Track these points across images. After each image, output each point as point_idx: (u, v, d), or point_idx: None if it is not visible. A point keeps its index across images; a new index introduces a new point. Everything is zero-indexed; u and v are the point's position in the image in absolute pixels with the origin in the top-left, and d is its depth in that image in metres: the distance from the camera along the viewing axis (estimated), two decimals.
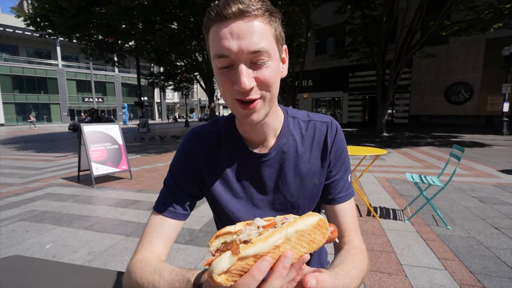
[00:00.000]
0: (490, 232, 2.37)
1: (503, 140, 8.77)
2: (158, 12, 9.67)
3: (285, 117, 0.62)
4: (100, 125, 4.61)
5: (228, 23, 0.45)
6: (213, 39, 0.47)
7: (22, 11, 10.45)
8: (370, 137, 10.71)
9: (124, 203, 3.42)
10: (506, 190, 3.58)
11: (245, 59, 0.45)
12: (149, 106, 39.52)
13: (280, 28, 0.51)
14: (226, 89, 0.49)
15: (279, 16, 0.51)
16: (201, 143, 0.63)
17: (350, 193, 0.63)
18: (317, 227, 0.32)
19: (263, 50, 0.45)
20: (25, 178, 4.92)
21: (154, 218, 0.60)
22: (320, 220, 0.32)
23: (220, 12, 0.44)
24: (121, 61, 14.32)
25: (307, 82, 17.91)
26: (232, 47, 0.44)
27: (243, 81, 0.45)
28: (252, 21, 0.45)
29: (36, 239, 2.46)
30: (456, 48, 13.56)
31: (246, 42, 0.44)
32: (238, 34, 0.44)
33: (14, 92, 27.69)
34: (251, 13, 0.45)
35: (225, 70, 0.47)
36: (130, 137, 12.66)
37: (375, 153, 2.72)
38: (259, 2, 0.46)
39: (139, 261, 0.52)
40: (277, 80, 0.50)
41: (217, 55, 0.46)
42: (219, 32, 0.45)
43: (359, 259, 0.53)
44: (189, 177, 0.62)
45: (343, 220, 0.60)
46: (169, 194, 0.61)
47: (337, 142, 0.62)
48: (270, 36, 0.47)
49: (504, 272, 1.78)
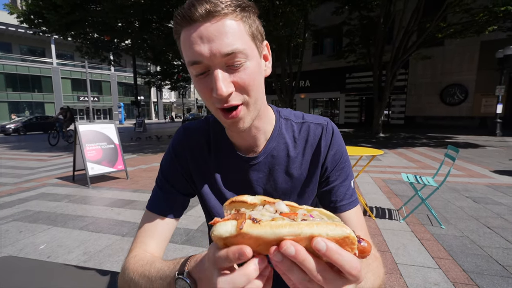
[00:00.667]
0: (483, 231, 2.41)
1: (496, 141, 8.90)
2: (154, 10, 9.62)
3: (277, 119, 0.59)
4: (95, 124, 4.57)
5: (196, 26, 0.42)
6: (184, 45, 0.44)
7: (15, 8, 10.30)
8: (367, 138, 10.79)
9: (120, 203, 3.40)
10: (499, 190, 3.64)
11: (220, 63, 0.42)
12: (146, 105, 39.22)
13: (257, 23, 0.47)
14: (206, 98, 0.46)
15: (254, 10, 0.47)
16: (190, 140, 0.61)
17: (355, 201, 0.58)
18: (341, 242, 0.26)
19: (237, 51, 0.42)
20: (18, 178, 4.85)
21: (147, 217, 0.58)
22: (348, 238, 0.26)
23: (186, 15, 0.42)
24: (117, 60, 14.22)
25: (304, 83, 17.95)
26: (204, 51, 0.41)
27: (219, 87, 0.42)
28: (222, 21, 0.42)
29: (30, 240, 2.43)
30: (452, 50, 13.71)
31: (218, 44, 0.41)
32: (208, 37, 0.41)
33: (7, 90, 27.26)
34: (220, 12, 0.41)
35: (201, 77, 0.45)
36: (126, 136, 12.57)
37: (371, 154, 2.74)
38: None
39: (133, 257, 0.52)
40: (258, 81, 0.47)
41: (190, 62, 0.43)
42: (189, 37, 0.42)
43: (374, 265, 0.49)
44: (179, 173, 0.60)
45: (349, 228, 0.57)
46: (161, 192, 0.60)
47: (334, 146, 0.58)
48: (244, 35, 0.44)
49: (496, 271, 1.81)
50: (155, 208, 0.58)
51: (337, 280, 0.27)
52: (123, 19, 9.87)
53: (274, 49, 12.22)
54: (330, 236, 0.26)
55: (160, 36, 11.50)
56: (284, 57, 12.86)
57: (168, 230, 0.59)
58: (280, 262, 0.27)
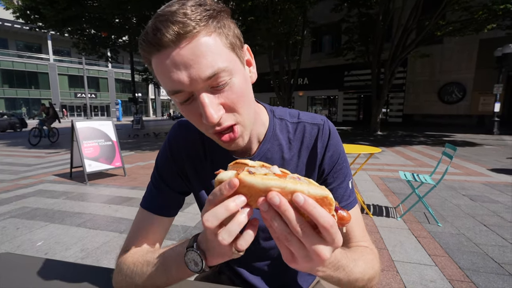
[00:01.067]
0: (479, 229, 2.43)
1: (494, 140, 8.96)
2: (152, 6, 9.52)
3: (270, 120, 0.57)
4: (93, 121, 4.54)
5: (167, 52, 0.37)
6: (159, 74, 0.40)
7: (11, 3, 10.16)
8: (365, 136, 10.82)
9: (118, 200, 3.39)
10: (496, 188, 3.67)
11: (203, 87, 0.39)
12: (143, 102, 39.07)
13: (232, 28, 0.42)
14: (197, 123, 0.44)
15: (226, 14, 0.41)
16: (186, 138, 0.59)
17: (352, 201, 0.56)
18: (320, 201, 0.30)
19: (219, 71, 0.38)
20: (15, 175, 4.82)
21: (141, 214, 0.57)
22: (326, 198, 0.30)
23: (153, 42, 0.36)
24: (114, 56, 14.08)
25: (302, 80, 17.93)
26: (183, 79, 0.37)
27: (209, 115, 0.38)
28: (195, 41, 0.37)
29: (28, 236, 2.42)
30: (451, 48, 13.74)
31: (196, 69, 0.37)
32: (184, 62, 0.37)
33: (3, 86, 27.04)
34: (191, 32, 0.36)
35: (186, 103, 0.41)
36: (124, 133, 12.52)
37: (369, 152, 2.75)
38: (197, 10, 0.37)
39: (129, 253, 0.52)
40: (247, 94, 0.44)
41: (170, 91, 0.40)
42: (163, 65, 0.38)
43: (369, 257, 0.50)
44: (174, 172, 0.59)
45: (348, 230, 0.56)
46: (156, 190, 0.58)
47: (331, 147, 0.56)
48: (223, 49, 0.39)
49: (491, 268, 1.83)
50: (150, 206, 0.57)
51: (314, 237, 0.30)
52: (120, 15, 9.78)
53: (272, 47, 12.19)
54: (311, 194, 0.29)
55: None
56: (283, 55, 12.82)
57: (163, 228, 0.58)
58: (266, 211, 0.30)
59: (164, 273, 0.46)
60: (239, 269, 0.65)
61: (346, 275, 0.42)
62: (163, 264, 0.46)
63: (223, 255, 0.37)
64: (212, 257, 0.38)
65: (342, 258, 0.41)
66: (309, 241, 0.30)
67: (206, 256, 0.39)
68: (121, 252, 0.55)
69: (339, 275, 0.40)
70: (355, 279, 0.44)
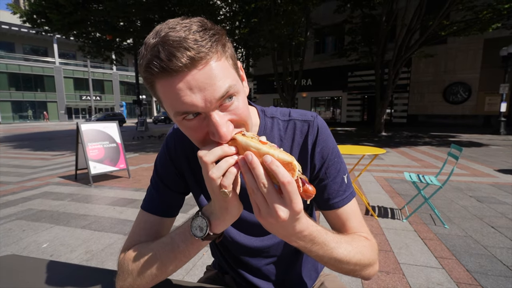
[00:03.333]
0: (487, 231, 2.39)
1: (500, 140, 8.83)
2: (156, 9, 9.62)
3: (261, 119, 0.58)
4: (97, 123, 4.58)
5: (181, 76, 0.37)
6: (166, 96, 0.40)
7: (18, 8, 10.37)
8: (369, 137, 10.74)
9: (122, 202, 3.41)
10: (503, 189, 3.61)
11: (215, 107, 0.40)
12: (148, 104, 39.38)
13: (231, 47, 0.44)
14: (198, 139, 0.44)
15: (225, 35, 0.43)
16: (182, 138, 0.60)
17: (348, 196, 0.57)
18: (285, 165, 0.35)
19: (229, 90, 0.40)
20: (21, 177, 4.88)
21: (142, 216, 0.58)
22: (291, 163, 0.36)
23: (166, 67, 0.37)
24: (119, 59, 14.24)
25: (306, 81, 17.90)
26: (197, 102, 0.38)
27: (223, 134, 0.39)
28: (208, 65, 0.38)
29: (33, 238, 2.44)
30: (455, 48, 13.61)
31: (211, 91, 0.38)
32: (199, 86, 0.38)
33: (10, 89, 27.47)
34: (205, 57, 0.38)
35: (191, 120, 0.41)
36: (128, 135, 12.61)
37: (373, 153, 2.73)
38: (204, 36, 0.38)
39: (130, 249, 0.53)
40: (246, 107, 0.45)
41: (179, 112, 0.40)
42: (173, 88, 0.38)
43: (359, 243, 0.51)
44: (173, 173, 0.60)
45: (346, 224, 0.56)
46: (156, 192, 0.59)
47: (320, 143, 0.56)
48: (230, 70, 0.42)
49: (500, 271, 1.79)
50: (150, 208, 0.58)
51: (275, 196, 0.36)
52: (125, 18, 9.89)
53: (275, 48, 12.22)
54: (279, 158, 0.36)
55: None
56: (286, 56, 12.83)
57: (163, 229, 0.59)
58: (242, 166, 0.37)
59: (171, 249, 0.48)
60: (242, 271, 0.66)
61: (326, 253, 0.45)
62: (169, 240, 0.49)
63: (222, 212, 0.43)
64: (216, 221, 0.44)
65: (320, 235, 0.44)
66: (270, 198, 0.36)
67: (210, 221, 0.45)
68: (121, 253, 0.55)
69: (318, 251, 0.44)
70: (339, 259, 0.46)
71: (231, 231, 0.61)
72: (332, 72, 16.87)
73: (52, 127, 20.86)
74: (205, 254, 2.12)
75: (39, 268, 0.70)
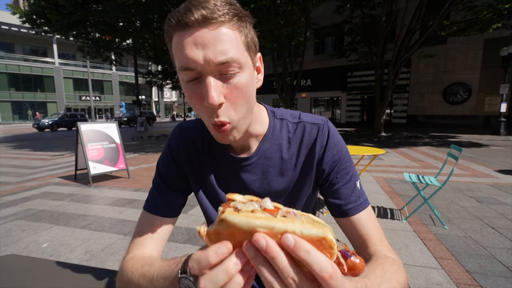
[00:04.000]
0: (487, 231, 2.39)
1: (500, 141, 8.83)
2: (156, 9, 9.62)
3: (271, 120, 0.57)
4: (97, 123, 4.58)
5: (191, 31, 0.40)
6: (176, 50, 0.42)
7: (17, 8, 10.35)
8: (368, 137, 10.74)
9: (122, 202, 3.41)
10: (503, 190, 3.61)
11: (213, 70, 0.41)
12: (147, 105, 39.35)
13: (252, 33, 0.46)
14: (196, 105, 0.45)
15: (250, 20, 0.46)
16: (185, 140, 0.60)
17: (363, 203, 0.54)
18: (317, 243, 0.24)
19: (231, 60, 0.41)
20: (21, 177, 4.88)
21: (145, 218, 0.58)
22: (325, 239, 0.25)
23: (181, 20, 0.40)
24: (118, 59, 14.21)
25: (305, 82, 17.89)
26: (197, 58, 0.40)
27: (211, 95, 0.40)
28: (218, 28, 0.40)
29: (33, 238, 2.44)
30: (455, 48, 13.61)
31: (213, 52, 0.40)
32: (203, 43, 0.40)
33: (10, 90, 27.45)
34: (216, 19, 0.40)
35: (192, 83, 0.43)
36: (128, 136, 12.61)
37: (373, 153, 2.73)
38: (225, 6, 0.41)
39: (131, 259, 0.52)
40: (250, 93, 0.46)
41: (182, 67, 0.42)
42: (182, 42, 0.41)
43: (391, 269, 0.43)
44: (175, 174, 0.60)
45: (362, 231, 0.52)
46: (158, 193, 0.60)
47: (331, 146, 0.55)
48: (240, 44, 0.43)
49: (500, 271, 1.79)
50: (152, 208, 0.58)
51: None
52: (124, 18, 9.88)
53: (275, 48, 12.20)
54: (304, 235, 0.24)
55: (161, 35, 11.47)
56: (286, 56, 12.83)
57: (166, 230, 0.59)
58: (252, 257, 0.25)
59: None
60: None
61: None
62: (153, 284, 0.43)
63: None
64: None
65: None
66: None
67: None
68: (126, 255, 0.55)
69: None
70: None
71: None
72: (332, 73, 16.87)
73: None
74: None
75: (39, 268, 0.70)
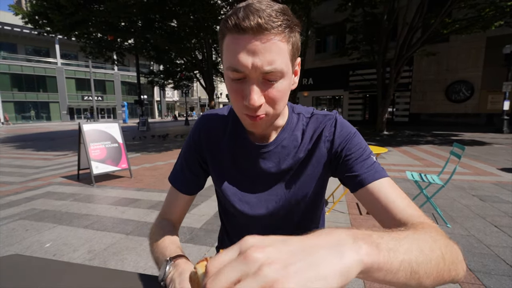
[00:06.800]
0: (490, 230, 2.37)
1: (503, 139, 8.77)
2: (157, 9, 9.63)
3: (289, 114, 0.63)
4: (99, 123, 4.60)
5: (245, 37, 0.44)
6: (228, 50, 0.46)
7: (20, 9, 10.40)
8: (371, 136, 10.71)
9: (124, 202, 3.42)
10: (506, 188, 3.58)
11: (258, 76, 0.46)
12: (149, 104, 39.46)
13: (298, 40, 0.49)
14: (236, 101, 0.50)
15: (299, 29, 0.49)
16: (208, 127, 0.66)
17: (381, 172, 0.53)
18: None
19: (276, 71, 0.45)
20: (24, 177, 4.91)
21: (171, 189, 0.69)
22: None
23: (238, 24, 0.43)
24: (120, 59, 14.26)
25: (307, 80, 17.85)
26: (247, 63, 0.44)
27: (252, 98, 0.46)
28: (270, 40, 0.44)
29: (36, 238, 2.46)
30: (457, 46, 13.51)
31: (261, 60, 0.44)
32: (254, 51, 0.44)
33: (13, 90, 27.63)
34: (270, 30, 0.43)
35: (237, 82, 0.48)
36: (130, 135, 12.65)
37: (375, 152, 2.72)
38: (279, 17, 0.44)
39: (159, 222, 0.67)
40: (286, 96, 0.51)
41: (231, 67, 0.46)
42: (235, 45, 0.45)
43: (428, 234, 0.34)
44: (195, 158, 0.67)
45: (383, 199, 0.49)
46: (180, 172, 0.68)
47: (339, 127, 0.60)
48: (286, 55, 0.47)
49: (503, 270, 1.78)
50: (175, 183, 0.68)
51: None
52: (126, 18, 9.90)
53: None
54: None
55: (163, 35, 11.51)
56: None
57: (185, 203, 0.69)
58: None
59: None
60: None
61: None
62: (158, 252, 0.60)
63: None
64: None
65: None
66: None
67: None
68: (157, 217, 0.70)
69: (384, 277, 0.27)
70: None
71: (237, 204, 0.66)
72: (334, 71, 16.80)
73: (54, 128, 20.96)
74: (206, 254, 2.12)
75: (42, 267, 0.71)
